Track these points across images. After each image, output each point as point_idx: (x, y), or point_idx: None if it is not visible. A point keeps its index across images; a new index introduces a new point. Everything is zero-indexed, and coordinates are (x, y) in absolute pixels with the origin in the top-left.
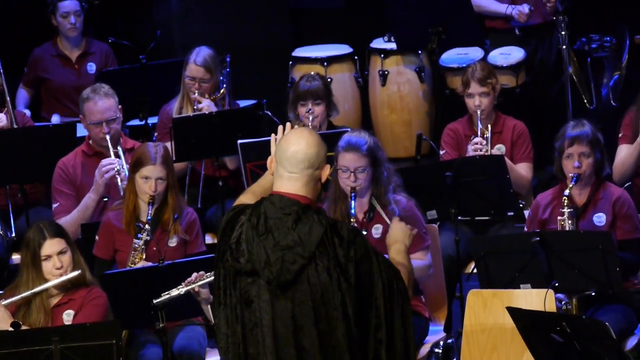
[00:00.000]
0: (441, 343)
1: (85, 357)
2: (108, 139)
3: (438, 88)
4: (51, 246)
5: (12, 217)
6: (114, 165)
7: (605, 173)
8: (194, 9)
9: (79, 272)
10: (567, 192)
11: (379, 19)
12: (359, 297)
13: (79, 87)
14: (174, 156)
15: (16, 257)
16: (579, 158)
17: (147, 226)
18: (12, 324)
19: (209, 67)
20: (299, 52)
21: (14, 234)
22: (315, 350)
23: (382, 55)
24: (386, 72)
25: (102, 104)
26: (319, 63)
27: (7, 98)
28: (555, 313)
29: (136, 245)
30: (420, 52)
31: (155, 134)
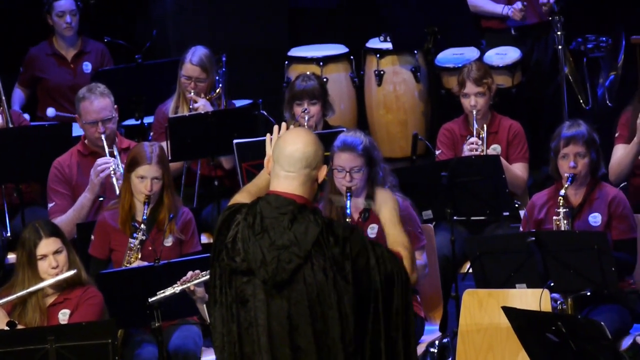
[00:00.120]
0: (437, 343)
1: (80, 356)
2: (104, 138)
3: (434, 88)
4: (47, 246)
5: (7, 216)
6: (109, 164)
7: (601, 173)
8: (190, 9)
9: (75, 271)
10: (562, 192)
11: (375, 19)
12: (358, 293)
13: (75, 86)
14: (170, 156)
15: (12, 257)
16: (575, 158)
17: (142, 226)
18: (8, 323)
19: (204, 67)
20: (294, 52)
21: (9, 233)
22: (310, 350)
23: (378, 55)
24: (382, 72)
25: (97, 103)
26: (314, 63)
27: (3, 97)
28: (550, 313)
29: (132, 245)
30: (416, 52)
31: (151, 134)
